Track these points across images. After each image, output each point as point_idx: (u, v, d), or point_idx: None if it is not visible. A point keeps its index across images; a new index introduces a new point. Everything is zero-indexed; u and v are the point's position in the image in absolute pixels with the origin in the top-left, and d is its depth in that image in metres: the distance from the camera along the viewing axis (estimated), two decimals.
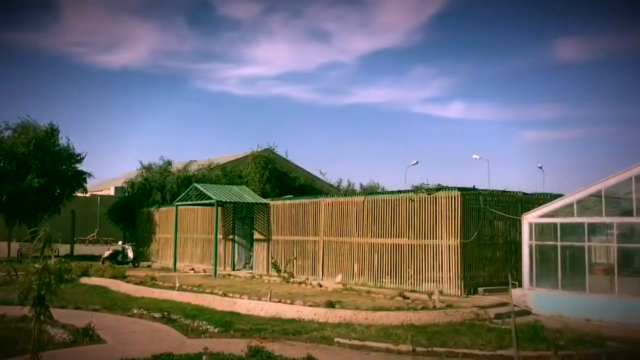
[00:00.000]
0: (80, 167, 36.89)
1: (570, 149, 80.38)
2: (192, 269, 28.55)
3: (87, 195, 41.50)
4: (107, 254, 31.85)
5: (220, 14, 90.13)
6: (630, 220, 15.69)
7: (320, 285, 20.79)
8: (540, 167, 47.24)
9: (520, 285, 17.65)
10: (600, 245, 17.31)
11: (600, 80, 78.48)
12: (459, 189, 19.44)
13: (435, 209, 19.76)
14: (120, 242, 35.21)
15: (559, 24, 78.27)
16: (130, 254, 31.83)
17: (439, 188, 21.25)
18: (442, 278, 19.29)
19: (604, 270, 16.38)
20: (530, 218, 17.57)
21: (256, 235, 27.53)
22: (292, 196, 28.51)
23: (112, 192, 59.33)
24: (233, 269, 28.05)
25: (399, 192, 22.17)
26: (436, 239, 19.62)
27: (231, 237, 28.98)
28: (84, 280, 23.47)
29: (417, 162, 45.31)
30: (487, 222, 20.25)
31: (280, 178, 34.78)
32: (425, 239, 20.00)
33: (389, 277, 21.07)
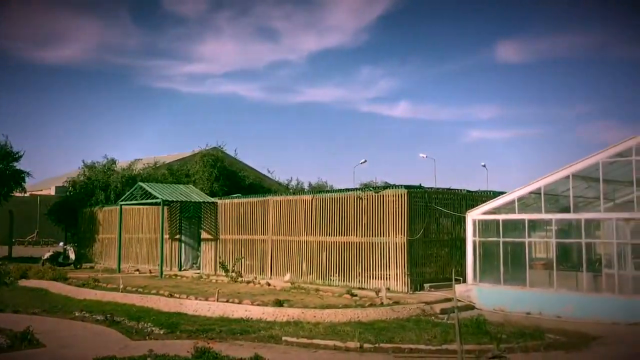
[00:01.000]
0: (19, 165, 35.51)
1: (512, 148, 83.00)
2: (137, 270, 27.92)
3: (26, 195, 39.93)
4: (47, 255, 30.77)
5: (166, 9, 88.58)
6: (568, 217, 16.30)
7: (269, 284, 20.71)
8: (484, 166, 48.58)
9: (464, 281, 18.09)
10: (540, 241, 17.95)
11: (540, 81, 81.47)
12: (406, 187, 19.73)
13: (383, 207, 19.99)
14: (61, 243, 34.06)
15: (500, 26, 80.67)
16: (72, 255, 30.84)
17: (386, 186, 21.52)
18: (389, 275, 19.53)
19: (544, 265, 16.99)
20: (473, 215, 18.02)
21: (204, 235, 27.18)
22: (240, 195, 28.25)
23: (52, 192, 57.34)
24: (180, 270, 27.59)
25: (347, 190, 22.31)
26: (383, 236, 19.86)
27: (178, 237, 28.49)
28: (23, 282, 22.61)
29: (366, 161, 45.82)
30: (433, 220, 20.63)
31: (228, 177, 34.40)
32: (373, 236, 20.21)
33: (337, 275, 21.18)
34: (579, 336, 12.56)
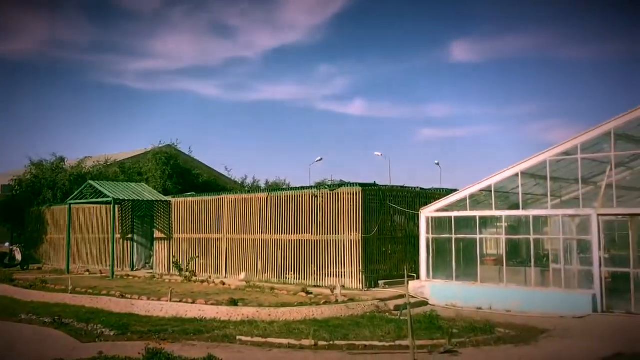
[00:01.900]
0: None
1: (465, 146, 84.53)
2: (88, 271, 27.18)
3: None
4: None
5: (118, 4, 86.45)
6: (517, 214, 16.74)
7: (224, 284, 20.51)
8: (438, 164, 49.34)
9: (418, 278, 18.36)
10: (491, 237, 18.36)
11: (490, 80, 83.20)
12: (361, 184, 19.86)
13: (338, 205, 20.08)
14: (7, 244, 32.79)
15: (453, 26, 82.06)
16: (19, 256, 29.73)
17: (342, 184, 21.62)
18: (344, 273, 19.64)
19: (494, 261, 17.40)
20: (427, 212, 18.29)
21: (157, 234, 26.70)
22: (194, 193, 27.89)
23: None
24: (132, 270, 27.03)
25: (303, 188, 22.32)
26: (339, 234, 19.95)
27: (130, 236, 27.90)
28: None
29: (321, 159, 45.80)
30: (388, 217, 20.85)
31: (182, 175, 33.89)
32: (328, 234, 20.27)
33: (292, 273, 21.17)
34: (528, 330, 12.91)
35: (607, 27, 77.68)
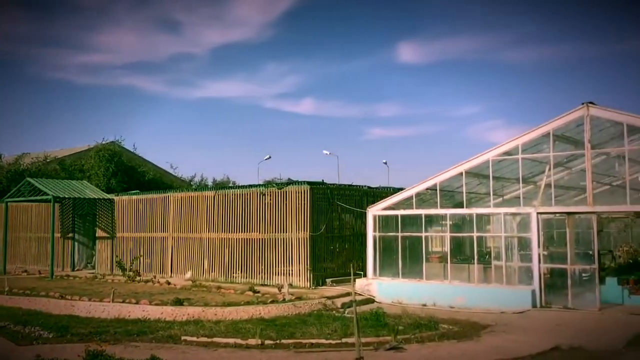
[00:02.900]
0: None
1: (412, 145, 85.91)
2: (26, 271, 26.11)
3: None
4: None
5: None
6: (461, 212, 17.12)
7: (169, 283, 20.12)
8: (385, 163, 49.87)
9: (365, 275, 18.52)
10: (435, 235, 18.71)
11: (436, 81, 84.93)
12: (309, 183, 19.87)
13: (286, 203, 20.03)
14: None
15: (401, 27, 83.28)
16: None
17: (289, 182, 21.58)
18: (292, 271, 19.62)
19: (439, 258, 17.74)
20: (374, 211, 18.48)
21: (99, 233, 25.96)
22: (139, 191, 27.25)
23: None
24: (73, 270, 26.18)
25: (251, 186, 22.15)
26: (286, 232, 19.90)
27: (71, 235, 27.01)
28: None
29: (270, 157, 45.53)
30: (336, 215, 20.94)
31: (127, 172, 33.09)
32: (276, 232, 20.20)
33: (240, 271, 21.00)
34: (470, 325, 13.22)
35: (545, 31, 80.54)
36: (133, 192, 27.19)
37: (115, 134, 43.95)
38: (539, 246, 15.49)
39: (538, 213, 15.63)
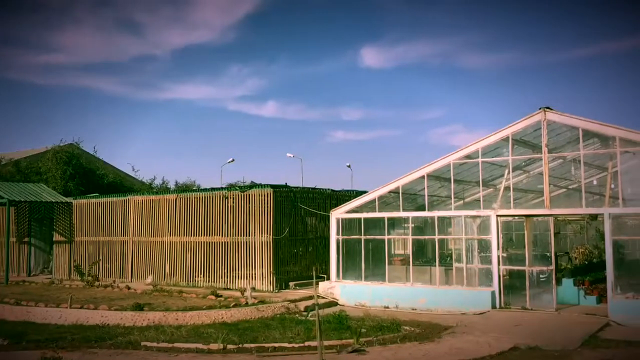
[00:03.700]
0: None
1: (375, 149, 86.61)
2: None
3: None
4: None
5: None
6: (423, 215, 17.31)
7: (129, 288, 19.74)
8: (349, 166, 50.06)
9: (329, 278, 18.55)
10: (398, 237, 18.87)
11: (397, 85, 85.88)
12: (272, 186, 19.80)
13: (249, 206, 19.92)
14: None
15: (364, 31, 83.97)
16: None
17: (252, 185, 21.47)
18: (255, 274, 19.51)
19: (401, 260, 17.90)
20: (337, 214, 18.52)
21: (56, 237, 25.31)
22: (98, 194, 26.69)
23: None
24: (29, 275, 25.44)
25: (213, 189, 21.94)
26: (249, 235, 19.79)
27: (27, 240, 26.24)
28: None
29: (233, 160, 45.11)
30: (299, 219, 20.91)
31: (85, 175, 32.42)
32: (239, 236, 20.05)
33: (202, 275, 20.78)
34: (432, 327, 13.37)
35: (505, 37, 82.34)
36: (92, 195, 26.64)
37: (75, 136, 42.93)
38: (498, 248, 15.78)
39: (497, 215, 15.93)
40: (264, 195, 19.62)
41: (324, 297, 17.63)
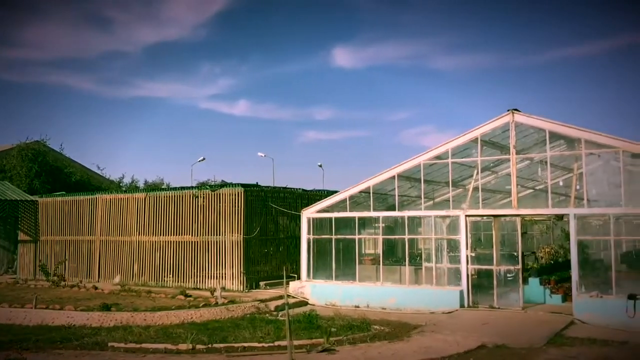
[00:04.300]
0: None
1: (346, 149, 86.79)
2: None
3: None
4: None
5: None
6: (393, 214, 17.42)
7: (96, 288, 19.41)
8: (320, 166, 50.07)
9: (300, 278, 18.53)
10: (369, 237, 18.98)
11: (370, 86, 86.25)
12: (243, 185, 19.70)
13: (219, 206, 19.78)
14: None
15: (335, 31, 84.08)
16: None
17: (223, 184, 21.33)
18: (225, 274, 19.38)
19: (372, 260, 17.98)
20: (308, 213, 18.52)
21: (21, 236, 24.75)
22: (64, 193, 26.20)
23: None
24: None
25: (183, 188, 21.73)
26: (220, 235, 19.66)
27: None
28: None
29: (204, 159, 44.73)
30: (270, 218, 20.85)
31: (52, 173, 31.74)
32: (209, 235, 19.91)
33: (171, 275, 20.56)
34: (401, 326, 13.48)
35: (475, 40, 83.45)
36: (58, 193, 26.13)
37: (41, 134, 41.93)
38: (467, 248, 15.97)
39: (466, 216, 16.13)
40: (235, 195, 19.52)
41: (294, 297, 17.61)
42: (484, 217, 16.75)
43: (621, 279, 13.99)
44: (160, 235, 21.05)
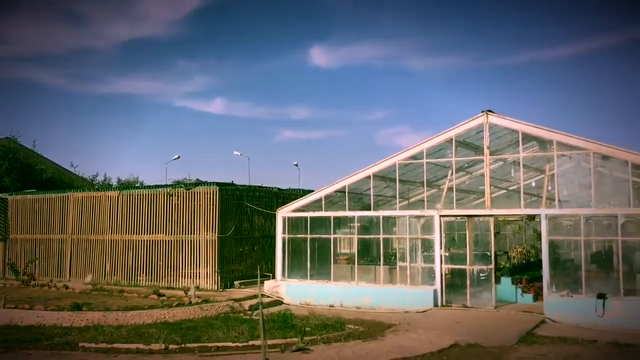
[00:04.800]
0: None
1: (322, 148, 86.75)
2: None
3: None
4: None
5: None
6: (369, 214, 17.49)
7: (67, 287, 19.08)
8: (296, 165, 49.99)
9: (274, 277, 18.48)
10: (344, 237, 19.01)
11: (346, 86, 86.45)
12: (218, 184, 19.58)
13: (194, 204, 19.64)
14: None
15: (313, 30, 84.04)
16: None
17: (198, 183, 21.18)
18: (199, 273, 19.25)
19: (347, 260, 18.01)
20: (283, 212, 18.49)
21: None
22: (35, 190, 25.71)
23: None
24: None
25: (157, 187, 21.51)
26: (194, 234, 19.51)
27: None
28: None
29: (179, 157, 44.35)
30: (246, 217, 20.76)
31: (22, 170, 31.10)
32: (183, 234, 19.75)
33: (144, 274, 20.34)
34: (376, 325, 13.53)
35: (449, 41, 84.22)
36: (29, 191, 25.62)
37: (12, 130, 41.01)
38: (441, 247, 16.10)
39: (441, 216, 16.25)
40: (210, 193, 19.38)
41: (269, 296, 17.56)
42: (458, 217, 16.91)
43: (591, 279, 14.24)
44: (134, 234, 20.81)
